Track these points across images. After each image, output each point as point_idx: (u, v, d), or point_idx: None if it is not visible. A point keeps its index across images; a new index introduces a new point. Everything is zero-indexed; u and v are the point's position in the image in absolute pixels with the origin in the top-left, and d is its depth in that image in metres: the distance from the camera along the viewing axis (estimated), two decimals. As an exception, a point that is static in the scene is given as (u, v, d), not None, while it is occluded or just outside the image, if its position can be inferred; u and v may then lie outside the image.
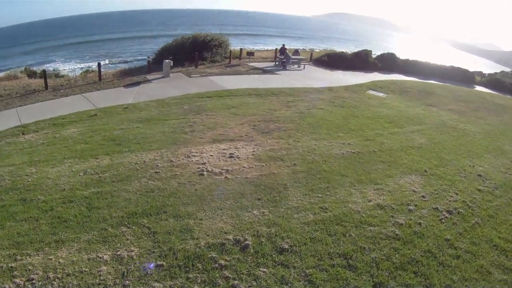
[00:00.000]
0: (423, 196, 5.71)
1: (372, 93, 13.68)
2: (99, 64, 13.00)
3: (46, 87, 11.30)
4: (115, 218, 4.44)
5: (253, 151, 7.09)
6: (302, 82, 14.79)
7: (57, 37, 56.21)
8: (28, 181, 5.23)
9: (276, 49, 20.32)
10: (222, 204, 4.99)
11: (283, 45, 19.65)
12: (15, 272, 3.44)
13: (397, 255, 4.18)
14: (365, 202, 5.35)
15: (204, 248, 3.97)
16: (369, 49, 22.57)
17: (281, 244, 4.15)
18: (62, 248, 3.80)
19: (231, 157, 6.74)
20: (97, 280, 3.39)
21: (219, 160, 6.55)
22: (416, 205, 5.41)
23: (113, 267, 3.59)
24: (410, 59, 22.08)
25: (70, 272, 3.46)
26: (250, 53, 19.74)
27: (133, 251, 3.86)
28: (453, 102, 13.71)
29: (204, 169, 6.09)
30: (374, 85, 15.13)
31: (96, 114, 8.99)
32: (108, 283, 3.38)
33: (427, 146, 8.03)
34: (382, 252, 4.19)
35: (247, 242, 4.14)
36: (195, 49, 16.84)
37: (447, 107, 12.81)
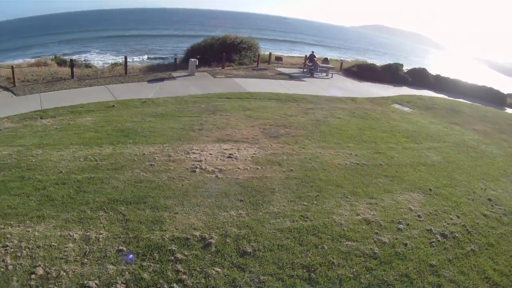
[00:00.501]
0: (418, 216, 5.49)
1: (397, 107, 13.93)
2: (125, 58, 14.30)
3: (72, 75, 12.72)
4: (96, 203, 4.95)
5: (254, 153, 7.31)
6: (327, 90, 15.25)
7: (96, 29, 62.58)
8: (31, 161, 6.03)
9: (306, 55, 20.93)
10: (202, 201, 5.27)
11: (312, 52, 20.16)
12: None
13: (367, 275, 4.07)
14: (352, 215, 5.27)
15: (167, 240, 4.27)
16: (405, 63, 22.89)
17: (245, 247, 4.28)
18: (41, 223, 4.38)
19: (230, 157, 7.03)
20: (60, 255, 3.86)
21: (216, 159, 6.88)
22: (408, 224, 5.22)
23: (78, 246, 4.05)
24: (442, 75, 21.74)
25: (40, 244, 3.99)
26: (279, 58, 20.42)
27: (101, 234, 4.30)
28: (479, 122, 13.32)
29: (198, 166, 6.45)
30: (400, 99, 15.44)
31: (114, 106, 9.94)
32: (69, 258, 3.82)
33: (439, 164, 7.82)
34: (351, 270, 4.11)
35: (211, 240, 4.35)
36: (223, 51, 17.71)
37: (472, 126, 12.50)
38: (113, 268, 3.77)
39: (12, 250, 3.85)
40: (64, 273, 3.62)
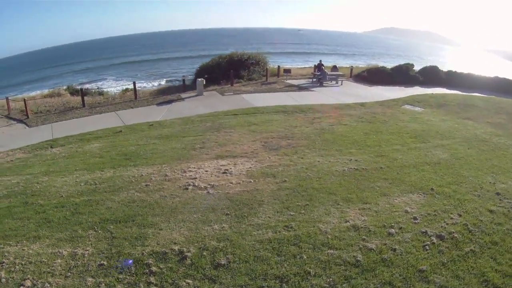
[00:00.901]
0: (414, 218, 5.48)
1: (408, 108, 14.24)
2: (134, 83, 15.62)
3: (83, 104, 14.14)
4: (89, 223, 5.56)
5: (250, 167, 7.67)
6: (336, 98, 15.77)
7: (110, 57, 69.03)
8: (36, 187, 6.88)
9: (314, 65, 21.73)
10: (188, 217, 5.69)
11: (320, 61, 20.98)
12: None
13: (345, 285, 4.15)
14: (340, 222, 5.39)
15: (146, 255, 4.71)
16: (421, 63, 23.43)
17: (220, 260, 4.57)
18: (36, 242, 5.04)
19: (224, 173, 7.46)
20: (48, 269, 4.44)
21: (211, 176, 7.34)
22: (400, 228, 5.23)
23: (65, 261, 4.62)
24: (453, 71, 21.98)
25: (32, 261, 4.61)
26: (287, 71, 21.34)
27: (87, 250, 4.85)
28: (494, 115, 13.21)
29: (192, 184, 6.93)
30: (411, 100, 15.76)
31: (121, 131, 10.90)
32: (56, 272, 4.39)
33: (446, 162, 7.84)
34: (327, 280, 4.21)
35: (188, 254, 4.71)
36: (230, 68, 18.66)
37: (486, 120, 12.57)
38: (91, 280, 4.27)
39: (7, 266, 4.51)
40: (49, 285, 4.18)
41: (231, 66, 19.10)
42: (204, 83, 16.15)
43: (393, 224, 5.33)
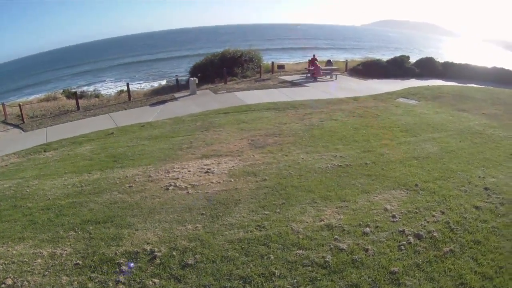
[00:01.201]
0: (393, 216, 5.68)
1: (402, 101, 14.63)
2: (127, 85, 16.33)
3: (78, 107, 14.85)
4: (70, 224, 6.05)
5: (232, 166, 8.06)
6: (329, 93, 16.31)
7: (108, 58, 71.81)
8: (26, 191, 7.44)
9: (309, 60, 22.27)
10: (165, 218, 6.12)
11: (314, 55, 21.57)
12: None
13: (309, 287, 4.38)
14: (314, 221, 5.68)
15: (119, 254, 5.17)
16: (420, 55, 24.09)
17: (188, 260, 4.95)
18: (20, 243, 5.56)
19: (206, 172, 7.87)
20: (28, 269, 4.93)
21: (193, 176, 7.76)
22: (377, 227, 5.45)
23: (45, 261, 5.12)
24: (450, 62, 22.63)
25: (15, 260, 5.12)
26: (281, 66, 22.07)
27: (66, 250, 5.34)
28: (490, 106, 13.60)
29: (172, 184, 7.37)
30: (406, 93, 16.19)
31: (113, 133, 11.46)
32: (35, 271, 4.88)
33: (435, 156, 8.02)
34: (291, 281, 4.45)
35: (158, 253, 5.15)
36: (224, 66, 19.30)
37: (481, 111, 12.82)
38: (66, 278, 4.75)
39: None
40: (27, 283, 4.68)
41: (224, 63, 19.77)
42: (197, 82, 16.72)
43: (369, 223, 5.54)
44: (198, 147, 9.44)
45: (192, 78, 16.43)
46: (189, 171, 8.02)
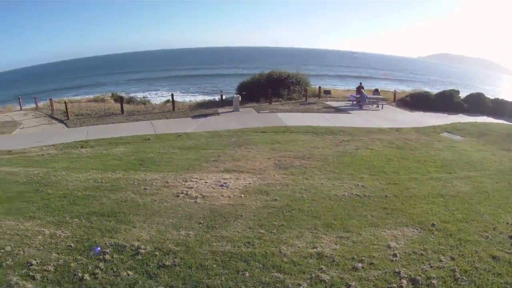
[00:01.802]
0: (394, 255, 5.46)
1: (446, 136, 14.98)
2: (172, 96, 18.07)
3: (122, 111, 16.66)
4: (78, 213, 6.93)
5: (249, 183, 8.44)
6: (371, 122, 17.10)
7: (167, 69, 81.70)
8: (51, 179, 8.66)
9: (356, 88, 23.80)
10: (164, 221, 6.67)
11: (360, 83, 23.06)
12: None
13: None
14: (306, 247, 5.70)
15: (108, 245, 5.77)
16: (467, 91, 24.87)
17: (166, 261, 5.34)
18: (30, 221, 6.55)
19: (222, 186, 8.35)
20: (27, 242, 5.80)
21: (207, 187, 8.29)
22: (371, 264, 5.27)
23: (44, 239, 5.95)
24: (500, 99, 22.92)
25: (19, 234, 6.06)
26: (327, 92, 23.67)
27: (65, 233, 6.14)
28: None
29: (184, 192, 7.97)
30: (451, 127, 16.53)
31: (149, 139, 12.66)
32: (33, 245, 5.69)
33: (465, 196, 7.94)
34: None
35: (142, 250, 5.64)
36: (270, 86, 20.77)
37: None
38: (55, 255, 5.46)
39: None
40: (22, 252, 5.49)
41: (271, 84, 21.33)
42: (240, 99, 18.22)
43: (364, 258, 5.39)
44: (224, 161, 10.03)
45: (236, 95, 18.03)
46: (206, 182, 8.58)
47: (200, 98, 33.13)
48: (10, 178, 8.82)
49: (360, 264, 5.30)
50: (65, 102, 17.24)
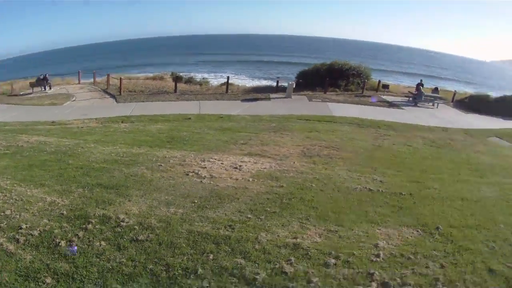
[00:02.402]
0: (376, 255, 5.01)
1: (494, 140, 15.14)
2: (227, 78, 18.68)
3: (175, 90, 17.50)
4: (86, 183, 7.55)
5: (264, 168, 8.36)
6: (421, 119, 17.53)
7: (237, 53, 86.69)
8: (78, 151, 9.55)
9: (417, 85, 24.42)
10: (160, 197, 6.92)
11: (421, 80, 24.49)
12: (4, 190, 7.28)
13: None
14: (285, 237, 5.50)
15: (96, 215, 6.22)
16: None
17: (141, 236, 5.53)
18: (38, 188, 7.32)
19: (236, 168, 8.41)
20: (27, 207, 6.48)
21: (220, 169, 8.41)
22: (346, 262, 4.87)
23: (43, 205, 6.62)
24: None
25: (24, 199, 6.80)
26: (385, 86, 24.85)
27: (64, 202, 6.76)
28: None
29: (195, 172, 8.23)
30: (503, 133, 16.53)
31: (190, 118, 13.22)
32: (30, 211, 6.37)
33: (488, 202, 7.66)
34: (205, 285, 4.55)
35: (123, 223, 5.94)
36: (329, 76, 21.85)
37: None
38: (45, 222, 6.05)
39: (6, 198, 6.88)
40: (18, 217, 6.19)
41: (330, 74, 22.35)
42: (294, 86, 18.94)
43: (340, 255, 5.01)
44: (252, 145, 10.06)
45: (290, 82, 19.21)
46: (222, 163, 8.71)
47: (263, 83, 34.12)
48: (41, 147, 10.02)
49: (333, 261, 4.94)
50: (120, 78, 18.90)
